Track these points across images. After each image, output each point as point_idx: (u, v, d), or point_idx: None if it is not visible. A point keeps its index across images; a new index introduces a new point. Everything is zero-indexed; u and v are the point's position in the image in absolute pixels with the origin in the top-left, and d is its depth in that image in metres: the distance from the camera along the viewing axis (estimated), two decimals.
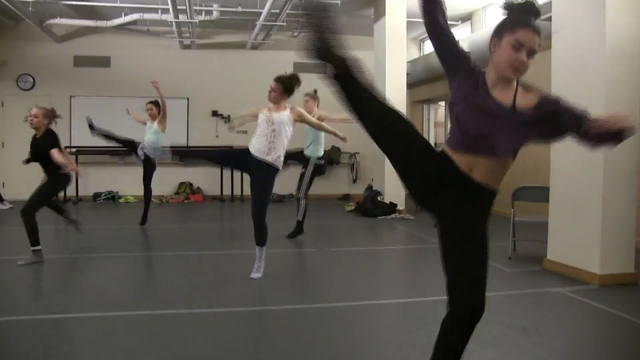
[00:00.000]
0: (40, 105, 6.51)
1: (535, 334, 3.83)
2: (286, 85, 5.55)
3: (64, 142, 12.82)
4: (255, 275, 5.30)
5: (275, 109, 5.59)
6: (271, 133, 5.37)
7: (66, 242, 8.10)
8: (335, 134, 6.67)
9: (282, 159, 5.40)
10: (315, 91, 7.77)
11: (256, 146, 5.36)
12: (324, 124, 6.69)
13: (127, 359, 3.44)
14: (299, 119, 5.71)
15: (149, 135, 8.61)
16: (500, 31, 2.51)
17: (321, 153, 7.70)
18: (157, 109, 8.61)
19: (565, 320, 4.39)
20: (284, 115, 5.52)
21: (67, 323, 4.12)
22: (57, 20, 11.60)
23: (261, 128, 5.47)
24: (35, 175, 4.91)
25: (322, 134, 7.45)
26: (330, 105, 4.63)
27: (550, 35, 5.89)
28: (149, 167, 8.66)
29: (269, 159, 5.29)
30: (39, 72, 13.06)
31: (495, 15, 11.30)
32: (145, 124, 9.03)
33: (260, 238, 5.31)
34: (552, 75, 5.88)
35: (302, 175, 7.67)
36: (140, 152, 8.49)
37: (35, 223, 5.81)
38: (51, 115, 6.44)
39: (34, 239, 5.81)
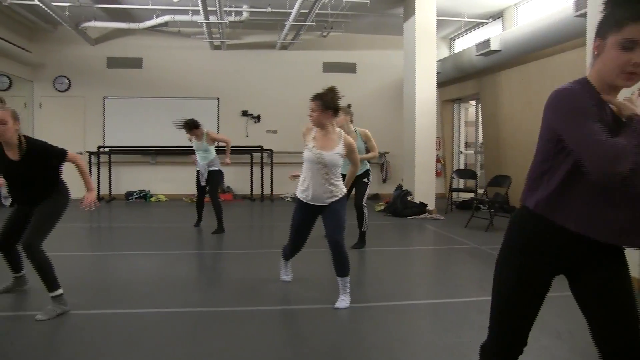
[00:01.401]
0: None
1: (569, 338, 3.78)
2: (327, 104, 4.47)
3: (97, 142, 13.16)
4: (341, 304, 4.50)
5: (323, 139, 4.54)
6: (324, 177, 4.51)
7: (98, 240, 8.23)
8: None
9: (342, 184, 4.67)
10: (349, 105, 7.05)
11: (315, 193, 4.53)
12: (370, 154, 6.90)
13: (156, 354, 3.49)
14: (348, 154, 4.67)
15: (201, 154, 8.36)
16: (603, 30, 1.94)
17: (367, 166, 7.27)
18: (186, 128, 8.29)
19: None
20: (335, 155, 4.50)
21: (98, 319, 4.20)
22: (92, 23, 11.80)
23: (312, 169, 4.53)
24: (72, 174, 4.64)
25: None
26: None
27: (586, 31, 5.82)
28: (215, 180, 8.41)
29: (336, 198, 4.56)
30: (74, 73, 13.29)
31: (526, 12, 11.18)
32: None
33: (343, 268, 4.52)
34: (587, 70, 5.79)
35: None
36: (202, 179, 8.32)
37: (47, 258, 4.21)
38: (16, 115, 4.26)
39: (52, 280, 4.21)
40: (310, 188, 4.53)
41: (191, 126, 8.23)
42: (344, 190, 4.67)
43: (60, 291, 4.21)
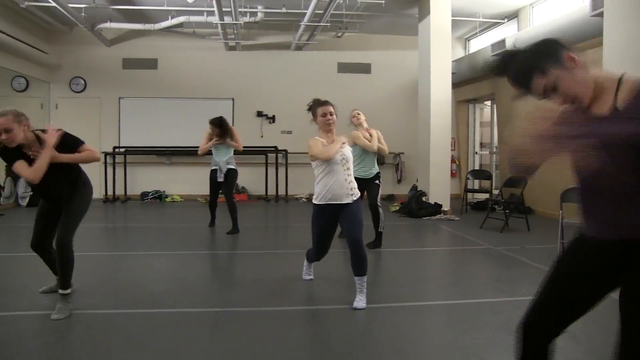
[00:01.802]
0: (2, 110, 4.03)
1: (585, 340, 3.74)
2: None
3: (113, 142, 13.24)
4: (359, 304, 4.46)
5: (331, 141, 4.81)
6: (346, 172, 4.65)
7: (114, 240, 8.28)
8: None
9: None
10: None
11: (335, 193, 4.57)
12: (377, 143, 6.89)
13: (172, 355, 3.51)
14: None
15: (221, 155, 8.38)
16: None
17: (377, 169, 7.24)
18: (220, 129, 8.30)
19: (617, 327, 4.26)
20: (349, 149, 4.81)
21: (115, 319, 4.22)
22: (107, 25, 11.88)
23: (335, 170, 4.61)
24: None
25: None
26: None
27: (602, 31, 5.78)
28: (231, 179, 8.42)
29: (354, 197, 4.64)
30: (89, 74, 13.39)
31: (542, 12, 11.11)
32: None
33: (361, 267, 4.50)
34: (604, 70, 5.74)
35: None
36: (220, 175, 8.29)
37: (73, 257, 4.28)
38: (21, 116, 4.09)
39: (69, 278, 4.29)
40: (330, 189, 4.57)
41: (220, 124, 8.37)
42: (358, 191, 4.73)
43: (70, 290, 4.29)
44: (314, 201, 4.74)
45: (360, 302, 4.46)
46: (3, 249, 7.07)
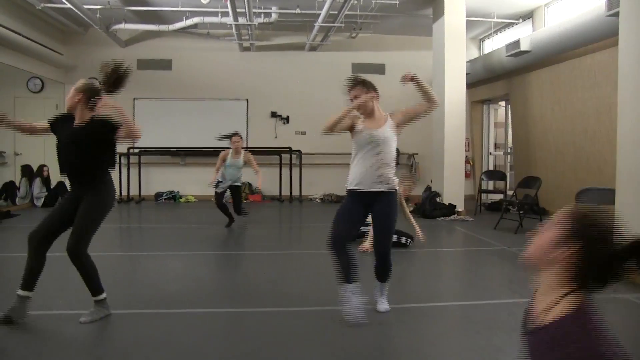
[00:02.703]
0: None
1: None
2: (368, 85, 4.38)
3: (127, 143, 13.28)
4: (383, 307, 4.40)
5: (371, 121, 4.30)
6: (376, 157, 4.16)
7: (129, 240, 8.33)
8: None
9: (395, 179, 4.26)
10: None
11: (363, 177, 4.17)
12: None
13: (186, 354, 3.52)
14: (404, 122, 4.41)
15: (233, 170, 8.62)
16: None
17: None
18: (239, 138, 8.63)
19: (635, 329, 4.23)
20: (387, 130, 4.25)
21: (129, 318, 4.25)
22: (122, 26, 11.95)
23: (364, 154, 4.20)
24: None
25: None
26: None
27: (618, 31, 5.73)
28: (239, 196, 8.86)
29: (386, 187, 4.17)
30: None
31: (557, 12, 11.04)
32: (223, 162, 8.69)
33: (386, 275, 4.40)
34: (619, 71, 5.70)
35: None
36: (221, 187, 8.56)
37: (92, 263, 4.11)
38: (86, 87, 4.35)
39: (96, 285, 4.14)
40: (359, 173, 4.19)
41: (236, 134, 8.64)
42: (395, 183, 4.24)
43: (103, 295, 4.15)
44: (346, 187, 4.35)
45: (383, 304, 4.42)
46: (18, 249, 7.10)
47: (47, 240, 4.09)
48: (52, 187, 11.88)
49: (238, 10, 10.40)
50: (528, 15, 11.94)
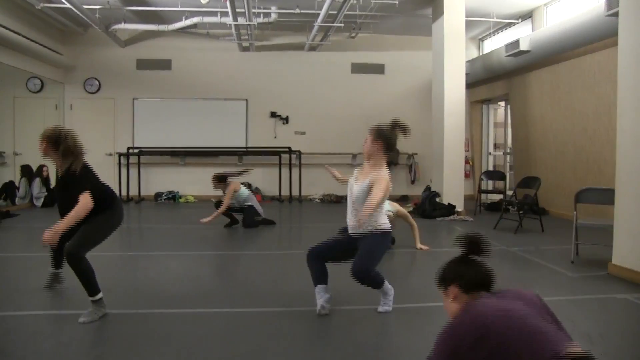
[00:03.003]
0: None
1: (600, 342, 3.70)
2: (380, 134, 4.37)
3: (127, 143, 13.29)
4: (384, 308, 4.43)
5: (362, 171, 4.46)
6: (353, 206, 4.37)
7: (128, 240, 8.32)
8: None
9: (382, 220, 4.38)
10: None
11: (349, 222, 4.43)
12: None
13: (187, 354, 3.51)
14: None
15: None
16: None
17: None
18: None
19: (634, 329, 4.21)
20: (362, 187, 4.32)
21: (130, 318, 4.25)
22: (122, 26, 11.95)
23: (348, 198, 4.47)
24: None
25: None
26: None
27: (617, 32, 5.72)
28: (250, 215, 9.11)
29: (367, 230, 4.31)
30: (104, 75, 13.48)
31: (556, 12, 11.04)
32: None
33: (375, 287, 4.42)
34: (619, 71, 5.69)
35: None
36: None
37: (89, 266, 4.18)
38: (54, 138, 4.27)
39: (93, 286, 4.19)
40: (347, 217, 4.46)
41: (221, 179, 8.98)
42: (383, 226, 4.36)
43: (100, 295, 4.19)
44: None
45: (382, 307, 4.43)
46: (18, 249, 7.12)
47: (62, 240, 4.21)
48: (51, 187, 11.88)
49: (237, 10, 10.40)
50: (527, 15, 11.95)
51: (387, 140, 4.35)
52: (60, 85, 13.33)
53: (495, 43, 13.37)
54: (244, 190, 9.05)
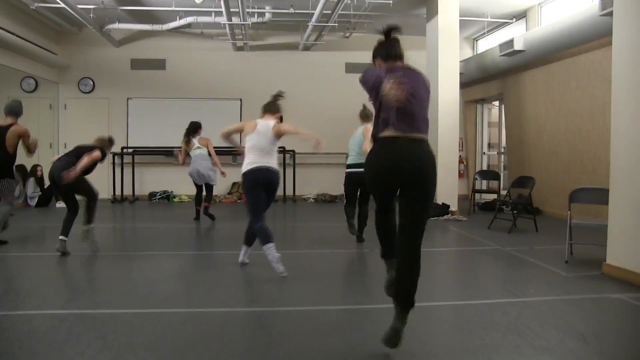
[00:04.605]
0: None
1: (595, 342, 3.72)
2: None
3: (121, 142, 13.26)
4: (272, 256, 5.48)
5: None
6: None
7: (123, 240, 8.31)
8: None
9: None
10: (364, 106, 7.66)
11: None
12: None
13: (181, 354, 3.51)
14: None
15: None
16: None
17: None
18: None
19: (627, 329, 4.23)
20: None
21: (124, 318, 4.24)
22: (116, 25, 11.94)
23: None
24: (97, 175, 4.70)
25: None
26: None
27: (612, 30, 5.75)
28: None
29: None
30: (98, 75, 13.45)
31: (551, 12, 11.07)
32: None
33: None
34: (613, 71, 5.71)
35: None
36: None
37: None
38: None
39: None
40: None
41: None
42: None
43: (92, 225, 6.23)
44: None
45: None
46: (13, 249, 7.10)
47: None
48: (45, 187, 11.84)
49: (231, 9, 10.39)
50: (522, 15, 11.98)
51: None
52: (54, 85, 13.29)
53: (489, 43, 13.40)
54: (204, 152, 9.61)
